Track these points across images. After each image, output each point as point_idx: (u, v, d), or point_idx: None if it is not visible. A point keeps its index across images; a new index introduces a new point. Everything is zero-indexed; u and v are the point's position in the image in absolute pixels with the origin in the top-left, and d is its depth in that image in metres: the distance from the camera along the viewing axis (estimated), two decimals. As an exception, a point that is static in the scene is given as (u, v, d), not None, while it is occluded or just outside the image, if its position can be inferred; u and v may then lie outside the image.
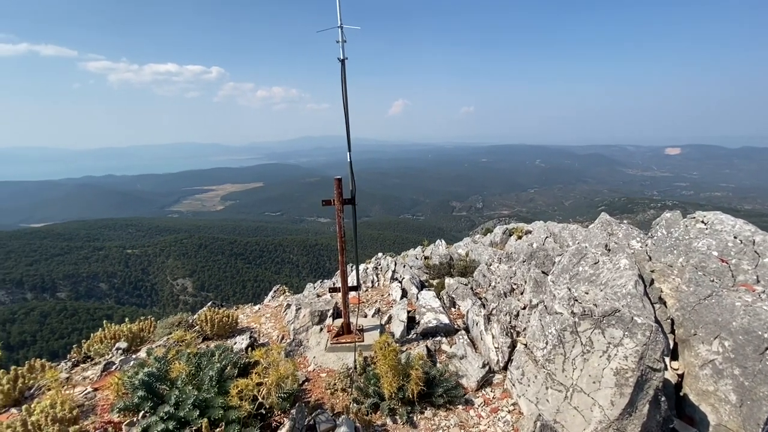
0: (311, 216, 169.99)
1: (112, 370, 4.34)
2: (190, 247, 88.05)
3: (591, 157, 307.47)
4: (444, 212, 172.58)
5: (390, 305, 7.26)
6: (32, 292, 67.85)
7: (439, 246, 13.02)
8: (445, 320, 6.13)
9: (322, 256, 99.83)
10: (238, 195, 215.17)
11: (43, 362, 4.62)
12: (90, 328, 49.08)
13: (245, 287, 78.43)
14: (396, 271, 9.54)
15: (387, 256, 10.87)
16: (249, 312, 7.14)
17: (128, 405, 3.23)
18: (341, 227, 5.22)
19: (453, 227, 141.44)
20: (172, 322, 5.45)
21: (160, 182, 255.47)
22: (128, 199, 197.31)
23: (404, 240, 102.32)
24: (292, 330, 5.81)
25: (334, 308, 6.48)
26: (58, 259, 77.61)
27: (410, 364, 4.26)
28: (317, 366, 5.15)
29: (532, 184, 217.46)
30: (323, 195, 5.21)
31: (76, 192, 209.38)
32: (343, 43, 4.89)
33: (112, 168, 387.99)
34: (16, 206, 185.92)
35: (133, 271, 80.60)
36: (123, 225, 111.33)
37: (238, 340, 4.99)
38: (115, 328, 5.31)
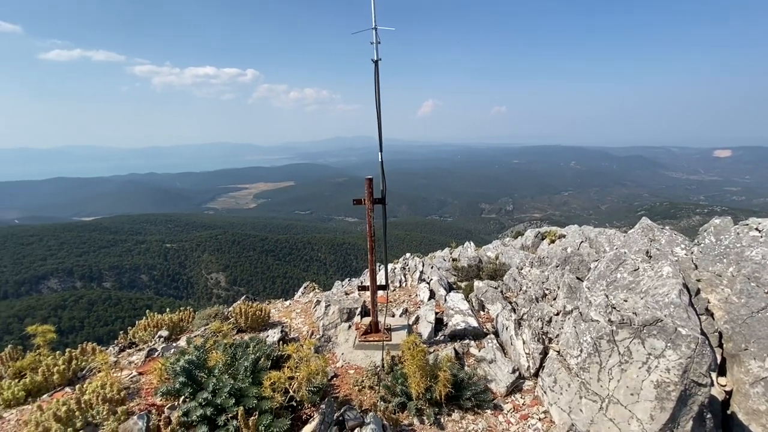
0: (339, 215, 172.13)
1: (155, 357, 4.62)
2: (224, 243, 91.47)
3: (631, 159, 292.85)
4: (472, 214, 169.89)
5: (417, 306, 7.25)
6: (81, 281, 72.83)
7: (467, 248, 12.84)
8: (474, 323, 6.05)
9: (349, 255, 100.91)
10: (270, 193, 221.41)
11: (94, 346, 4.98)
12: (131, 316, 52.13)
13: (275, 283, 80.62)
14: (424, 272, 9.51)
15: (415, 257, 10.85)
16: (280, 307, 7.35)
17: (170, 390, 3.42)
18: (371, 226, 5.27)
19: (481, 229, 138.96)
20: (209, 314, 5.71)
21: (198, 180, 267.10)
22: (168, 196, 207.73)
23: (431, 241, 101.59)
24: (321, 326, 5.93)
25: (362, 306, 6.55)
26: (105, 251, 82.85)
27: (438, 366, 4.25)
28: (345, 362, 5.23)
29: (566, 186, 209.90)
30: (352, 195, 5.29)
31: (122, 188, 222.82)
32: (377, 44, 4.94)
33: (154, 166, 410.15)
34: (70, 200, 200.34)
35: (171, 264, 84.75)
36: (163, 220, 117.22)
37: (270, 333, 5.16)
38: (157, 317, 5.64)
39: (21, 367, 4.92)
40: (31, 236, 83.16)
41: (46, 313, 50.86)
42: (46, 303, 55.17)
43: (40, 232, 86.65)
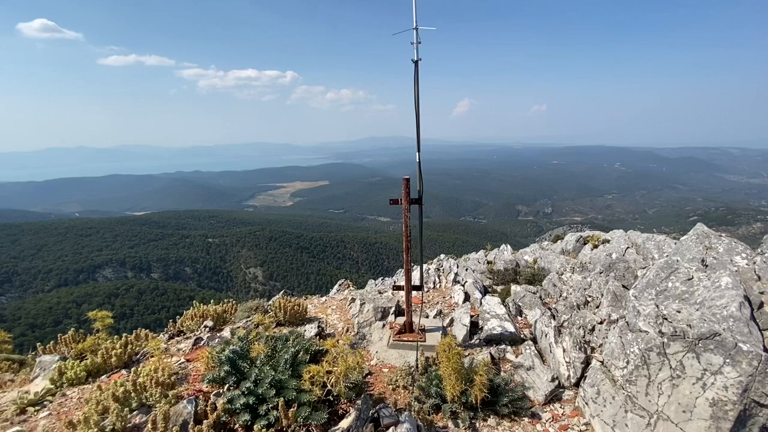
0: (372, 215, 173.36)
1: (201, 345, 4.89)
2: (262, 239, 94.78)
3: (683, 160, 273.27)
4: (508, 216, 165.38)
5: (452, 308, 7.18)
6: (132, 272, 78.14)
7: (503, 251, 12.54)
8: (511, 328, 5.91)
9: (381, 254, 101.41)
10: (305, 192, 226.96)
11: (147, 332, 5.35)
12: (176, 306, 55.18)
13: (309, 279, 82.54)
14: (458, 274, 9.39)
15: (449, 258, 10.74)
16: (316, 303, 7.53)
17: (216, 377, 3.61)
18: (407, 226, 5.28)
19: (518, 232, 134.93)
20: (251, 307, 5.96)
21: (239, 178, 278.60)
22: (211, 193, 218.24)
23: (464, 243, 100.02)
24: (356, 323, 6.02)
25: (397, 306, 6.58)
26: (153, 244, 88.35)
27: (474, 370, 4.19)
28: (379, 361, 5.28)
29: (610, 189, 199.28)
30: (385, 194, 5.35)
31: (169, 185, 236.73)
32: (417, 44, 4.95)
33: (199, 164, 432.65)
34: (124, 196, 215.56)
35: (213, 258, 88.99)
36: (206, 216, 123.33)
37: (307, 328, 5.31)
38: (203, 308, 5.97)
39: (82, 349, 5.38)
40: (89, 228, 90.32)
41: (101, 300, 55.03)
42: (101, 291, 59.69)
43: (97, 225, 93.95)
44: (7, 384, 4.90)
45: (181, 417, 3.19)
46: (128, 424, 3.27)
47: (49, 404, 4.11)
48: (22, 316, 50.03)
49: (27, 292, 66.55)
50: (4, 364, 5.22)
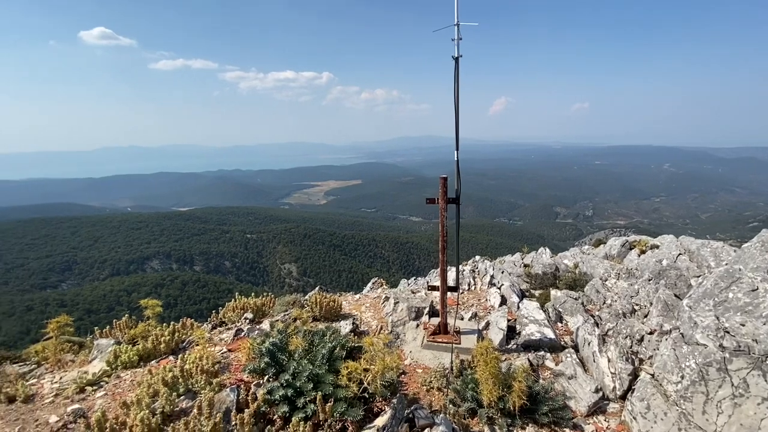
0: (404, 214, 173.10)
1: (241, 336, 5.08)
2: (297, 236, 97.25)
3: (742, 161, 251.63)
4: (546, 218, 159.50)
5: (487, 311, 7.02)
6: (177, 264, 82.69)
7: (542, 254, 12.09)
8: (551, 335, 5.69)
9: (412, 254, 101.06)
10: (339, 191, 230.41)
11: (192, 322, 5.64)
12: (216, 298, 57.74)
13: (341, 276, 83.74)
14: (494, 276, 9.16)
15: (485, 260, 10.50)
16: (351, 300, 7.62)
17: (256, 368, 3.74)
18: (444, 226, 5.21)
19: (556, 235, 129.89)
20: (288, 301, 6.13)
21: (276, 177, 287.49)
22: (250, 191, 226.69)
23: (498, 245, 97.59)
24: (390, 322, 6.03)
25: (431, 306, 6.52)
26: (196, 239, 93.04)
27: (512, 375, 4.07)
28: (413, 361, 5.25)
29: (658, 191, 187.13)
30: (417, 194, 5.31)
31: (212, 183, 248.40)
32: (458, 40, 4.87)
33: (239, 163, 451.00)
34: (170, 192, 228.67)
35: (251, 253, 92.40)
36: (245, 213, 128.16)
37: (342, 324, 5.39)
38: (244, 300, 6.21)
39: (134, 334, 5.74)
40: (140, 222, 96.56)
41: (148, 290, 58.66)
42: (149, 281, 63.66)
43: (146, 219, 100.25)
44: (68, 364, 5.32)
45: (224, 404, 3.32)
46: (176, 408, 3.45)
47: (105, 385, 4.42)
48: (80, 302, 54.33)
49: (84, 280, 72.24)
50: (66, 346, 5.67)
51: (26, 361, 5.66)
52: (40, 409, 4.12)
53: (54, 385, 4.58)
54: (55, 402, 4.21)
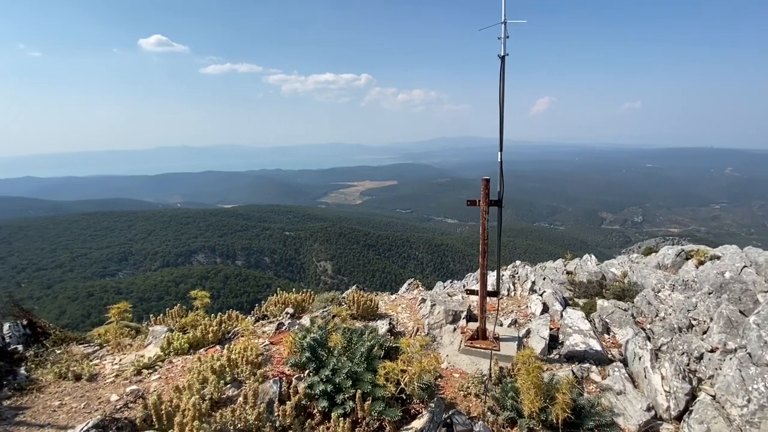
0: (439, 216, 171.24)
1: (283, 330, 5.25)
2: (333, 235, 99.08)
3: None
4: (590, 223, 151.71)
5: (528, 318, 6.79)
6: (220, 258, 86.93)
7: (587, 261, 11.52)
8: (597, 346, 5.41)
9: (447, 256, 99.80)
10: (374, 191, 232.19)
11: (237, 314, 5.91)
12: (255, 292, 59.97)
13: (374, 276, 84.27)
14: (535, 282, 8.85)
15: (525, 265, 10.16)
16: (387, 300, 7.65)
17: (297, 362, 3.85)
18: (485, 229, 5.10)
19: (600, 242, 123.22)
20: (327, 298, 6.26)
21: (314, 177, 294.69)
22: (289, 190, 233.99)
23: (537, 250, 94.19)
24: (426, 324, 5.99)
25: (468, 311, 6.40)
26: (239, 235, 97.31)
27: (555, 386, 3.90)
28: (450, 365, 5.18)
29: (718, 197, 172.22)
30: (453, 196, 5.23)
31: (254, 182, 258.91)
32: (505, 39, 4.76)
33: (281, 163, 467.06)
34: (216, 190, 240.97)
35: (289, 250, 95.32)
36: (284, 211, 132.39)
37: (379, 323, 5.42)
38: (285, 295, 6.43)
39: (185, 323, 6.10)
40: (188, 218, 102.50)
41: (194, 281, 62.08)
42: (195, 273, 67.39)
43: (194, 215, 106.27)
44: (126, 347, 5.75)
45: (267, 395, 3.45)
46: (223, 395, 3.63)
47: (159, 369, 4.73)
48: (134, 290, 58.52)
49: (138, 270, 77.77)
50: (125, 330, 6.13)
51: (90, 343, 6.17)
52: (102, 388, 4.48)
53: (114, 366, 4.97)
54: (115, 382, 4.56)
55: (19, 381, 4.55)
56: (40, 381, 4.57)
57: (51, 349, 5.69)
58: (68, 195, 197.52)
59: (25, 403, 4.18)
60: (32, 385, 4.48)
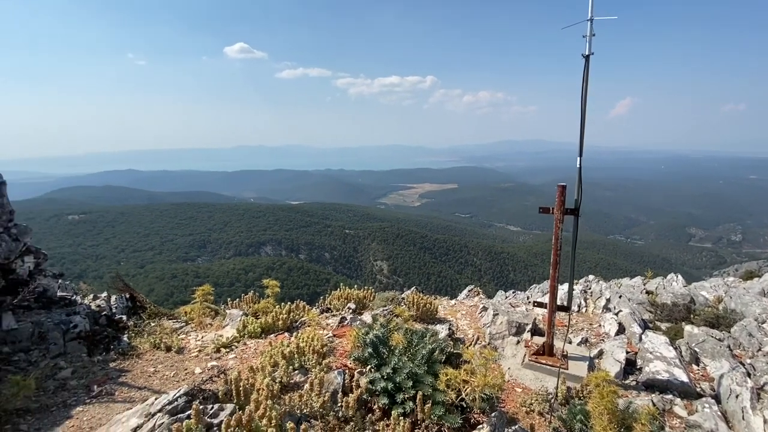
0: (500, 222, 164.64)
1: (345, 324, 5.46)
2: (390, 236, 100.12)
3: None
4: (675, 240, 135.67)
5: (601, 338, 6.28)
6: (285, 251, 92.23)
7: (672, 281, 10.35)
8: (683, 377, 4.85)
9: (507, 264, 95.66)
10: (433, 194, 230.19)
11: (304, 304, 6.26)
12: (315, 285, 62.60)
13: (429, 279, 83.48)
14: (610, 300, 8.15)
15: (599, 281, 9.41)
16: (446, 304, 7.57)
17: (359, 357, 3.98)
18: (558, 239, 4.83)
19: (687, 261, 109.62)
20: (387, 297, 6.38)
21: (375, 177, 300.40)
22: (351, 189, 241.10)
23: (610, 265, 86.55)
24: (487, 334, 5.82)
25: (533, 324, 6.10)
26: (303, 230, 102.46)
27: (632, 416, 3.58)
28: (512, 378, 4.99)
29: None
30: (517, 201, 5.00)
31: (319, 181, 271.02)
32: (590, 37, 4.48)
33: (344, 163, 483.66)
34: (285, 187, 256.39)
35: (348, 247, 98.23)
36: (345, 209, 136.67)
37: (439, 328, 5.39)
38: (347, 291, 6.67)
39: (257, 309, 6.60)
40: (259, 212, 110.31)
41: (261, 271, 66.55)
42: (262, 263, 72.24)
43: (264, 209, 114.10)
44: (207, 326, 6.37)
45: (332, 385, 3.61)
46: (291, 380, 3.87)
47: (235, 349, 5.18)
48: (210, 275, 64.31)
49: (214, 257, 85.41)
50: (206, 310, 6.80)
51: (177, 319, 6.93)
52: (188, 361, 5.02)
53: (198, 342, 5.54)
54: (198, 357, 5.08)
55: (122, 347, 5.27)
56: (138, 348, 5.25)
57: (147, 322, 6.49)
58: (161, 187, 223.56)
59: (126, 366, 4.82)
60: (132, 352, 5.16)
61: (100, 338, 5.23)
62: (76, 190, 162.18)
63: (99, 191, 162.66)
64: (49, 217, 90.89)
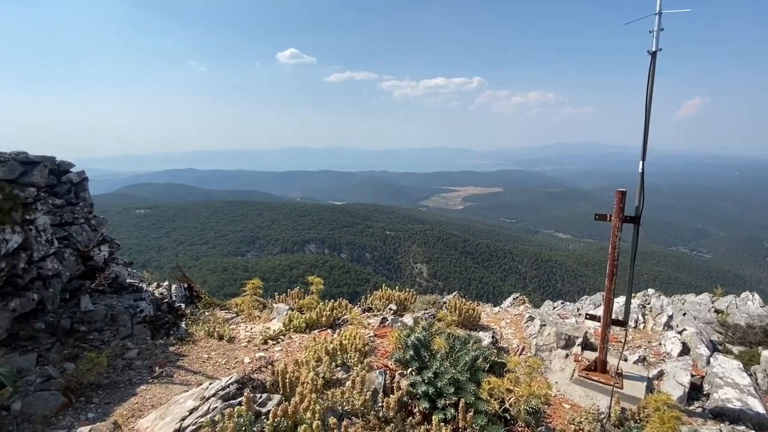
0: (548, 229, 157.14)
1: (386, 325, 5.49)
2: (431, 238, 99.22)
3: None
4: (750, 254, 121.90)
5: (661, 358, 5.80)
6: (328, 249, 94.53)
7: (747, 301, 9.30)
8: (759, 407, 4.35)
9: (555, 273, 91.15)
10: (477, 198, 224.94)
11: (346, 303, 6.38)
12: (355, 285, 63.52)
13: (470, 285, 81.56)
14: (672, 317, 7.49)
15: (660, 296, 8.69)
16: (489, 311, 7.36)
17: (401, 359, 3.98)
18: (615, 249, 4.53)
19: (764, 278, 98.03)
20: (428, 300, 6.32)
21: (417, 180, 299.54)
22: (393, 191, 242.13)
23: (671, 279, 79.69)
24: (534, 344, 5.59)
25: (584, 337, 5.76)
26: (345, 230, 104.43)
27: (698, 445, 3.26)
28: (559, 393, 4.74)
29: None
30: (567, 207, 4.72)
31: (362, 182, 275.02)
32: (658, 32, 4.17)
33: (387, 165, 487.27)
34: (329, 187, 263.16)
35: (388, 248, 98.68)
36: (386, 211, 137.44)
37: (482, 335, 5.25)
38: (389, 292, 6.70)
39: (302, 304, 6.82)
40: (304, 211, 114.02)
41: (305, 268, 68.71)
42: (306, 261, 74.58)
43: (309, 209, 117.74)
44: (256, 319, 6.68)
45: (373, 385, 3.64)
46: (333, 376, 3.96)
47: (281, 341, 5.39)
48: (257, 270, 67.44)
49: (262, 253, 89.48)
50: (255, 303, 7.14)
51: (229, 310, 7.34)
52: (238, 350, 5.30)
53: (247, 333, 5.83)
54: (247, 347, 5.35)
55: (180, 333, 5.67)
56: (194, 335, 5.62)
57: (202, 311, 6.93)
58: (217, 185, 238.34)
59: (183, 351, 5.18)
60: (189, 338, 5.53)
61: (161, 323, 5.66)
62: (143, 187, 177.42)
63: (163, 188, 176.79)
64: (120, 210, 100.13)
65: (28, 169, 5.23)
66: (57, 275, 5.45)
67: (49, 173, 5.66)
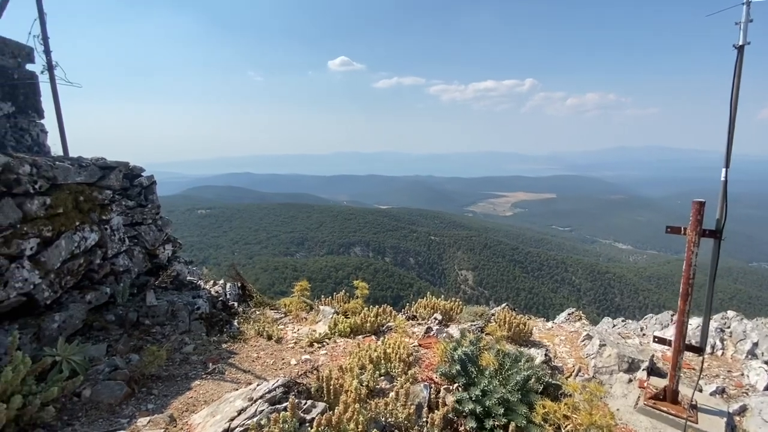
0: (606, 238, 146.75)
1: (431, 335, 5.36)
2: (477, 245, 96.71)
3: None
4: None
5: (744, 390, 5.10)
6: (372, 253, 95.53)
7: None
8: None
9: (612, 287, 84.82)
10: (528, 204, 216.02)
11: (391, 309, 6.34)
12: (398, 289, 63.42)
13: (518, 295, 78.30)
14: (758, 344, 6.58)
15: (743, 318, 7.69)
16: (541, 327, 6.94)
17: (447, 373, 3.84)
18: (691, 265, 4.05)
19: None
20: (476, 312, 6.09)
21: (464, 184, 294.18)
22: (439, 196, 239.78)
23: (753, 298, 71.01)
24: (592, 366, 5.16)
25: (651, 361, 5.22)
26: (390, 234, 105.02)
27: (798, 501, 2.79)
28: (621, 421, 4.31)
29: None
30: (627, 216, 4.28)
31: (407, 186, 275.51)
32: (746, 23, 3.69)
33: (433, 170, 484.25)
34: (375, 191, 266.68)
35: (432, 254, 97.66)
36: (431, 216, 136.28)
37: (533, 352, 4.94)
38: (434, 301, 6.56)
39: (347, 308, 6.88)
40: (351, 214, 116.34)
41: (350, 270, 69.93)
42: (351, 263, 75.89)
43: (355, 212, 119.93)
44: (303, 320, 6.84)
45: (417, 398, 3.54)
46: (377, 386, 3.90)
47: (326, 345, 5.45)
48: (305, 271, 69.77)
49: (310, 254, 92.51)
50: (303, 305, 7.32)
51: (278, 310, 7.59)
52: (285, 351, 5.43)
53: (294, 334, 5.97)
54: (294, 348, 5.47)
55: (233, 331, 5.93)
56: (245, 334, 5.85)
57: (253, 310, 7.23)
58: (270, 188, 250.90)
59: (235, 349, 5.40)
60: (240, 336, 5.77)
61: (216, 321, 5.97)
62: (204, 189, 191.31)
63: (222, 190, 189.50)
64: (184, 210, 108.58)
65: (106, 174, 5.77)
66: (127, 271, 5.95)
67: (123, 177, 6.21)
